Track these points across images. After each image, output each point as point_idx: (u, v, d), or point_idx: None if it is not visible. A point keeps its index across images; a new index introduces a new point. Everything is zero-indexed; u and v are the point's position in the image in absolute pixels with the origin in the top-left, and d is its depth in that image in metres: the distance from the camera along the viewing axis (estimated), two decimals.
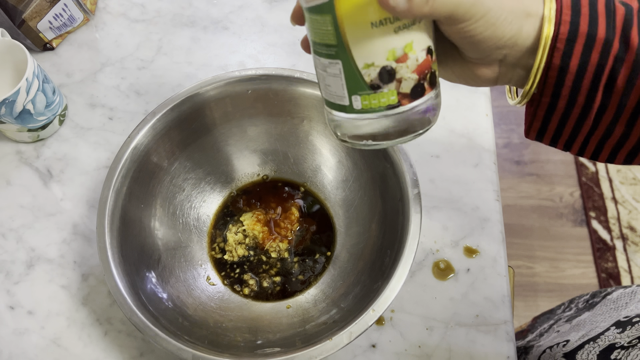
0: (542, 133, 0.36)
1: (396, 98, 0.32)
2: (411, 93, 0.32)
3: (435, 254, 0.53)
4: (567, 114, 0.33)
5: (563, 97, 0.32)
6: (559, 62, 0.31)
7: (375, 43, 0.31)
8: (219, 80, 0.51)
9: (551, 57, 0.31)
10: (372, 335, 0.49)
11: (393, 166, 0.48)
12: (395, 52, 0.31)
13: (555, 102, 0.33)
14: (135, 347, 0.50)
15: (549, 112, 0.34)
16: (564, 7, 0.31)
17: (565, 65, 0.31)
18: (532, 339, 0.64)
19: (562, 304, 0.67)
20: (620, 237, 1.33)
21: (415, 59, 0.32)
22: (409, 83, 0.32)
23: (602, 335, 0.50)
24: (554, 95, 0.32)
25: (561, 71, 0.31)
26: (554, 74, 0.31)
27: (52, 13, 0.63)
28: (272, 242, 0.54)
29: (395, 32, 0.30)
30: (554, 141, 0.36)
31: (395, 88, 0.32)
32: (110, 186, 0.47)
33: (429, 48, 0.32)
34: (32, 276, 0.53)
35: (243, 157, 0.57)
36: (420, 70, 0.32)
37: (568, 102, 0.32)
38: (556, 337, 0.58)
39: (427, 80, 0.33)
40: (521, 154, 1.46)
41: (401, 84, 0.32)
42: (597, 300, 0.59)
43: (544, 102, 0.33)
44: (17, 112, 0.55)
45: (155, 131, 0.50)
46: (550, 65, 0.31)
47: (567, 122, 0.34)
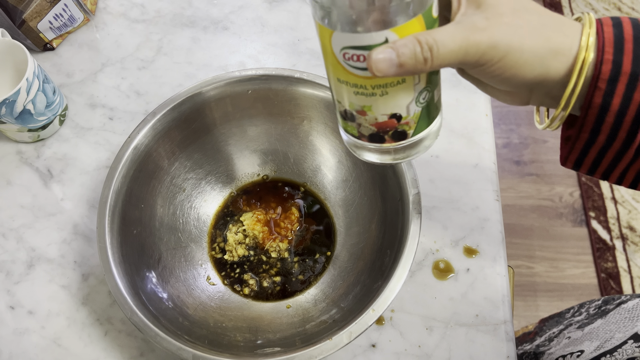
0: (579, 164, 0.35)
1: (357, 134, 0.35)
2: (369, 137, 0.35)
3: (435, 254, 0.53)
4: (606, 148, 0.32)
5: (603, 132, 0.31)
6: (600, 101, 0.30)
7: (341, 91, 0.33)
8: (219, 80, 0.51)
9: (592, 97, 0.30)
10: (372, 335, 0.50)
11: (393, 166, 0.48)
12: (354, 106, 0.33)
13: (595, 137, 0.32)
14: (136, 346, 0.50)
15: (587, 146, 0.33)
16: (606, 45, 0.29)
17: (607, 104, 0.30)
18: (541, 344, 0.63)
19: (571, 307, 0.67)
20: (620, 237, 1.33)
21: (374, 118, 0.33)
22: (367, 130, 0.34)
23: (620, 348, 0.49)
24: (593, 131, 0.31)
25: (602, 110, 0.30)
26: (594, 112, 0.30)
27: (53, 13, 0.63)
28: (272, 242, 0.54)
29: (354, 94, 0.32)
30: (592, 171, 0.35)
31: (355, 127, 0.35)
32: (111, 186, 0.47)
33: (395, 114, 0.33)
34: (32, 276, 0.53)
35: (243, 157, 0.57)
36: (379, 126, 0.34)
37: (608, 137, 0.31)
38: (568, 344, 0.57)
39: (388, 135, 0.34)
40: (521, 154, 1.46)
41: (360, 127, 0.34)
42: (610, 307, 0.58)
43: (582, 137, 0.32)
44: (18, 112, 0.55)
45: (155, 131, 0.50)
46: (590, 104, 0.30)
47: (606, 155, 0.33)
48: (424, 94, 0.33)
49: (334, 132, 0.54)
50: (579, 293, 1.27)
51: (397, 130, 0.34)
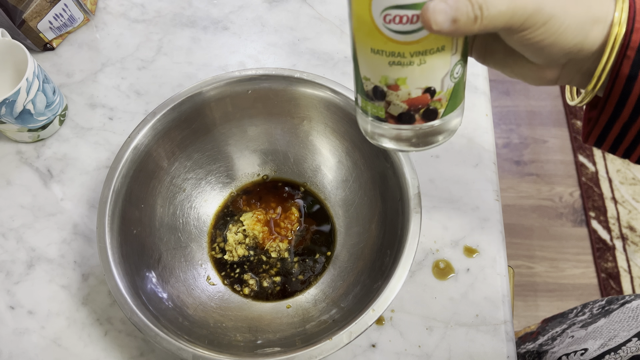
0: (602, 139, 0.35)
1: (384, 114, 0.34)
2: (398, 117, 0.34)
3: (435, 253, 0.53)
4: (631, 122, 0.32)
5: (629, 105, 0.31)
6: (628, 71, 0.30)
7: (373, 64, 0.32)
8: (219, 80, 0.51)
9: (620, 66, 0.30)
10: (372, 335, 0.50)
11: (393, 166, 0.48)
12: (387, 80, 0.32)
13: (620, 110, 0.32)
14: (136, 346, 0.50)
15: (612, 120, 0.33)
16: (638, 14, 0.29)
17: (635, 74, 0.30)
18: (544, 343, 0.63)
19: (574, 308, 0.67)
20: (620, 237, 1.33)
21: (407, 93, 0.32)
22: (397, 109, 0.33)
23: (624, 346, 0.49)
24: (619, 103, 0.31)
25: (629, 80, 0.30)
26: (621, 82, 0.30)
27: (53, 13, 0.63)
28: (272, 242, 0.54)
29: (390, 65, 0.31)
30: (614, 148, 0.35)
31: (384, 107, 0.33)
32: (111, 186, 0.47)
33: (429, 88, 0.32)
34: (32, 276, 0.53)
35: (243, 157, 0.57)
36: (411, 103, 0.33)
37: (633, 111, 0.31)
38: (571, 342, 0.57)
39: (419, 113, 0.33)
40: (521, 154, 1.46)
41: (390, 106, 0.33)
42: (614, 307, 0.58)
43: (607, 110, 0.32)
44: (18, 112, 0.55)
45: (155, 131, 0.50)
46: (618, 74, 0.30)
47: (630, 130, 0.33)
48: (458, 67, 0.32)
49: (334, 132, 0.54)
50: (579, 293, 1.27)
51: (429, 107, 0.33)
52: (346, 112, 0.51)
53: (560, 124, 1.51)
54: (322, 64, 0.65)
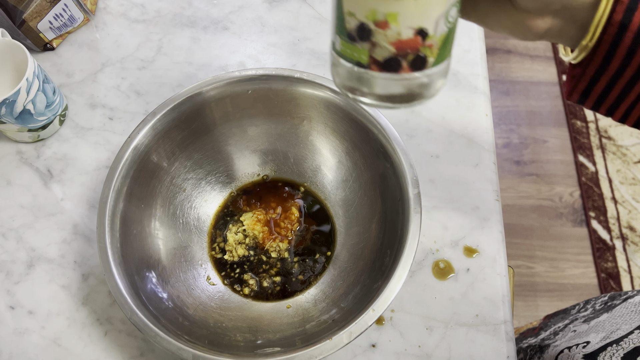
0: (586, 95, 0.33)
1: (367, 59, 0.30)
2: (382, 63, 0.30)
3: (435, 253, 0.53)
4: (617, 76, 0.31)
5: (617, 57, 0.30)
6: (621, 18, 0.29)
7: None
8: (219, 80, 0.51)
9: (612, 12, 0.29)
10: (372, 335, 0.50)
11: (393, 166, 0.48)
12: (376, 14, 0.28)
13: (609, 61, 0.30)
14: (136, 346, 0.50)
15: (599, 73, 0.31)
16: None
17: (627, 21, 0.28)
18: (546, 337, 0.63)
19: (576, 304, 0.67)
20: (620, 237, 1.33)
21: (397, 32, 0.29)
22: (383, 52, 0.29)
23: (626, 338, 0.49)
24: (608, 54, 0.30)
25: (621, 28, 0.29)
26: (612, 31, 0.29)
27: (53, 13, 0.63)
28: (272, 242, 0.54)
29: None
30: (598, 104, 0.34)
31: (368, 49, 0.30)
32: (111, 186, 0.47)
33: (422, 30, 0.28)
34: (32, 276, 0.53)
35: (243, 157, 0.57)
36: (400, 46, 0.29)
37: (622, 63, 0.30)
38: (573, 336, 0.57)
39: (407, 60, 0.29)
40: (521, 154, 1.46)
41: (375, 48, 0.29)
42: (616, 302, 0.58)
43: (595, 61, 0.31)
44: (18, 112, 0.55)
45: (155, 131, 0.50)
46: (610, 21, 0.29)
47: (616, 85, 0.31)
48: (454, 10, 0.29)
49: (334, 132, 0.54)
50: (579, 293, 1.27)
51: (418, 54, 0.29)
52: (346, 112, 0.51)
53: (560, 124, 1.51)
54: (322, 64, 0.65)
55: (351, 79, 0.31)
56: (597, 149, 1.46)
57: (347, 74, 0.31)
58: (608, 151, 1.45)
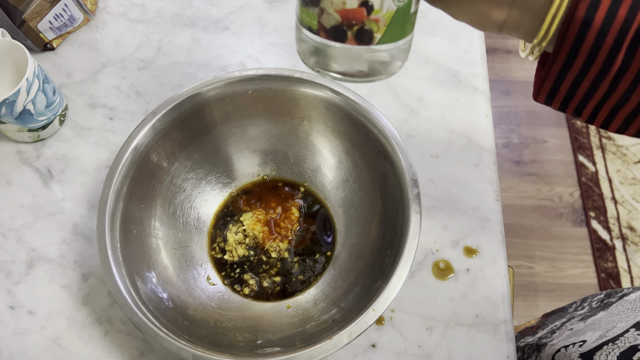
0: (552, 95, 0.33)
1: (316, 25, 0.31)
2: (330, 31, 0.31)
3: (435, 254, 0.53)
4: (582, 74, 0.30)
5: (581, 54, 0.29)
6: (583, 15, 0.28)
7: None
8: (219, 80, 0.51)
9: (575, 9, 0.28)
10: (372, 335, 0.50)
11: (393, 166, 0.48)
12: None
13: (572, 60, 0.30)
14: (136, 346, 0.50)
15: (563, 71, 0.31)
16: None
17: (590, 18, 0.28)
18: (543, 336, 0.63)
19: (573, 302, 0.67)
20: (620, 237, 1.33)
21: (342, 2, 0.29)
22: (329, 20, 0.30)
23: (622, 336, 0.49)
24: (571, 52, 0.29)
25: (584, 25, 0.28)
26: (575, 28, 0.28)
27: (53, 13, 0.63)
28: (272, 242, 0.54)
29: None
30: (565, 104, 0.33)
31: (317, 15, 0.30)
32: (111, 186, 0.47)
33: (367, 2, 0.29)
34: (32, 276, 0.53)
35: (243, 157, 0.57)
36: (345, 15, 0.30)
37: (586, 61, 0.29)
38: (570, 335, 0.57)
39: (352, 31, 0.30)
40: (521, 154, 1.46)
41: (322, 14, 0.30)
42: (613, 300, 0.58)
43: (559, 60, 0.30)
44: (18, 112, 0.55)
45: (155, 131, 0.50)
46: (572, 18, 0.28)
47: (582, 84, 0.31)
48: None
49: (334, 132, 0.54)
50: (579, 293, 1.27)
51: (363, 26, 0.30)
52: (346, 112, 0.51)
53: (560, 124, 1.51)
54: None
55: (310, 49, 0.32)
56: (597, 149, 1.46)
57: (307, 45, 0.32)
58: (608, 151, 1.45)
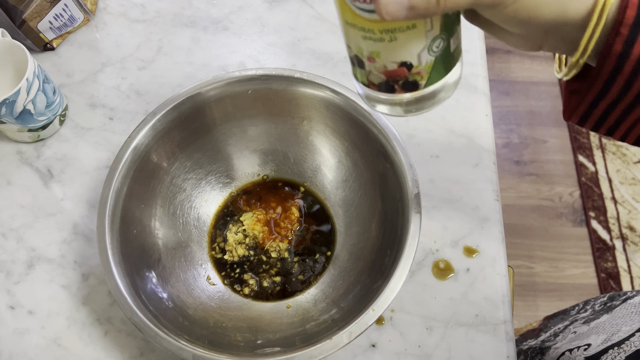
0: (585, 118, 0.33)
1: (367, 81, 0.34)
2: (378, 86, 0.33)
3: (435, 253, 0.53)
4: (617, 101, 0.31)
5: (617, 83, 0.30)
6: (620, 49, 0.28)
7: (349, 35, 0.32)
8: (219, 80, 0.51)
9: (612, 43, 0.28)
10: (372, 335, 0.50)
11: (393, 166, 0.48)
12: (363, 52, 0.32)
13: (608, 88, 0.30)
14: (136, 346, 0.50)
15: (598, 99, 0.31)
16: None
17: (627, 52, 0.28)
18: (546, 339, 0.63)
19: (575, 305, 0.67)
20: (620, 237, 1.33)
21: (384, 65, 0.31)
22: (376, 78, 0.33)
23: (627, 340, 0.49)
24: (608, 81, 0.30)
25: (621, 58, 0.29)
26: (612, 61, 0.29)
27: (53, 13, 0.63)
28: (272, 242, 0.54)
29: (363, 39, 0.31)
30: (597, 126, 0.34)
31: (365, 74, 0.33)
32: (111, 186, 0.47)
33: (405, 62, 0.31)
34: (32, 276, 0.53)
35: (243, 157, 0.57)
36: (389, 75, 0.32)
37: (622, 90, 0.30)
38: (574, 338, 0.57)
39: (398, 84, 0.32)
40: (521, 154, 1.46)
41: (370, 74, 0.33)
42: (616, 303, 0.58)
43: (595, 88, 0.31)
44: (18, 112, 0.55)
45: (155, 131, 0.50)
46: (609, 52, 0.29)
47: (615, 109, 0.31)
48: (438, 41, 0.31)
49: (334, 132, 0.54)
50: (579, 293, 1.27)
51: (407, 80, 0.32)
52: (346, 112, 0.51)
53: (560, 124, 1.51)
54: (322, 64, 0.65)
55: (363, 92, 0.35)
56: (597, 149, 1.46)
57: (360, 88, 0.36)
58: (608, 151, 1.45)
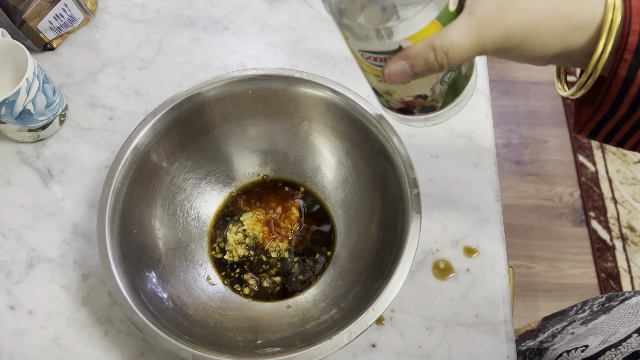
0: (595, 133, 0.35)
1: (387, 105, 0.38)
2: (398, 110, 0.37)
3: (435, 254, 0.53)
4: (625, 119, 0.32)
5: (624, 104, 0.31)
6: (625, 74, 0.30)
7: (366, 76, 0.35)
8: (219, 80, 0.51)
9: (617, 68, 0.30)
10: (372, 335, 0.50)
11: (393, 166, 0.48)
12: (380, 88, 0.35)
13: (615, 109, 0.32)
14: (136, 346, 0.50)
15: (606, 118, 0.33)
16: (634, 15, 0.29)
17: (632, 76, 0.30)
18: (544, 340, 0.63)
19: (574, 305, 0.67)
20: (620, 237, 1.33)
21: (401, 98, 0.35)
22: (396, 105, 0.36)
23: (624, 342, 0.49)
24: (614, 104, 0.31)
25: (626, 82, 0.30)
26: (618, 84, 0.30)
27: (53, 13, 0.63)
28: (272, 242, 0.54)
29: (378, 81, 0.34)
30: (607, 140, 0.35)
31: (385, 102, 0.37)
32: (111, 186, 0.47)
33: (420, 95, 0.34)
34: (32, 276, 0.53)
35: (243, 157, 0.57)
36: (406, 104, 0.35)
37: (629, 109, 0.31)
38: (572, 339, 0.57)
39: (417, 109, 0.36)
40: (521, 154, 1.46)
41: (389, 102, 0.37)
42: (614, 304, 0.58)
43: (602, 109, 0.32)
44: (18, 112, 0.55)
45: (155, 131, 0.50)
46: (615, 76, 0.30)
47: (624, 126, 0.33)
48: (449, 74, 0.32)
49: (334, 132, 0.54)
50: (579, 293, 1.27)
51: (424, 105, 0.35)
52: (346, 112, 0.51)
53: (560, 124, 1.51)
54: (322, 64, 0.65)
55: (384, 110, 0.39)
56: (597, 149, 1.46)
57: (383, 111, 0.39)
58: (608, 151, 1.45)
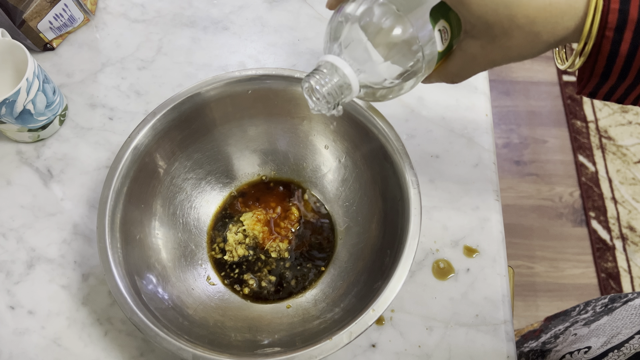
0: (594, 94, 0.37)
1: None
2: None
3: (435, 253, 0.53)
4: (617, 85, 0.35)
5: (613, 75, 0.33)
6: (609, 49, 0.32)
7: None
8: (219, 80, 0.51)
9: (599, 45, 0.32)
10: (372, 335, 0.50)
11: (393, 166, 0.48)
12: None
13: (605, 79, 0.34)
14: (136, 346, 0.50)
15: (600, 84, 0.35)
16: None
17: (615, 51, 0.32)
18: (546, 341, 0.63)
19: (576, 306, 0.67)
20: (620, 237, 1.33)
21: None
22: None
23: (627, 343, 0.49)
24: (603, 75, 0.34)
25: (611, 56, 0.32)
26: (603, 58, 0.32)
27: (53, 13, 0.63)
28: (272, 242, 0.54)
29: None
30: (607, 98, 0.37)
31: None
32: (111, 186, 0.47)
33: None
34: (32, 276, 0.53)
35: (243, 157, 0.57)
36: None
37: (618, 78, 0.34)
38: (574, 340, 0.57)
39: None
40: (521, 154, 1.46)
41: None
42: (617, 305, 0.58)
43: (593, 81, 0.35)
44: (18, 112, 0.55)
45: (155, 131, 0.50)
46: (599, 51, 0.32)
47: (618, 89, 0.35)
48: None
49: (334, 132, 0.54)
50: (579, 293, 1.27)
51: None
52: (346, 112, 0.51)
53: (560, 124, 1.51)
54: None
55: None
56: (597, 149, 1.46)
57: None
58: (608, 151, 1.45)
